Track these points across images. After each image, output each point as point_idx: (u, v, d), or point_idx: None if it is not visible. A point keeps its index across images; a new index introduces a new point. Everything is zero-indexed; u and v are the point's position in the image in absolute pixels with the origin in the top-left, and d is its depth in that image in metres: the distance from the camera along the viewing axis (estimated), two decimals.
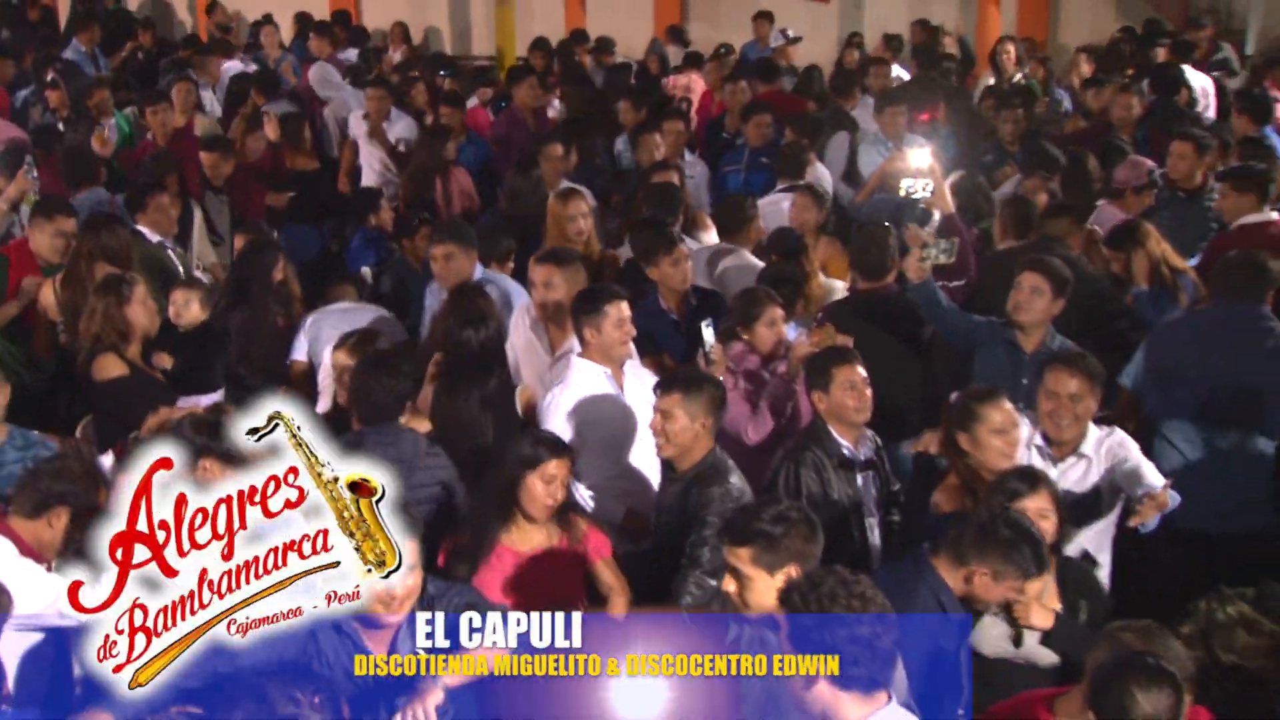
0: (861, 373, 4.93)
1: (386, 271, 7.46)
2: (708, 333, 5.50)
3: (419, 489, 4.69)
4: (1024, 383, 5.35)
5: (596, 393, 5.19)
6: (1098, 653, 3.53)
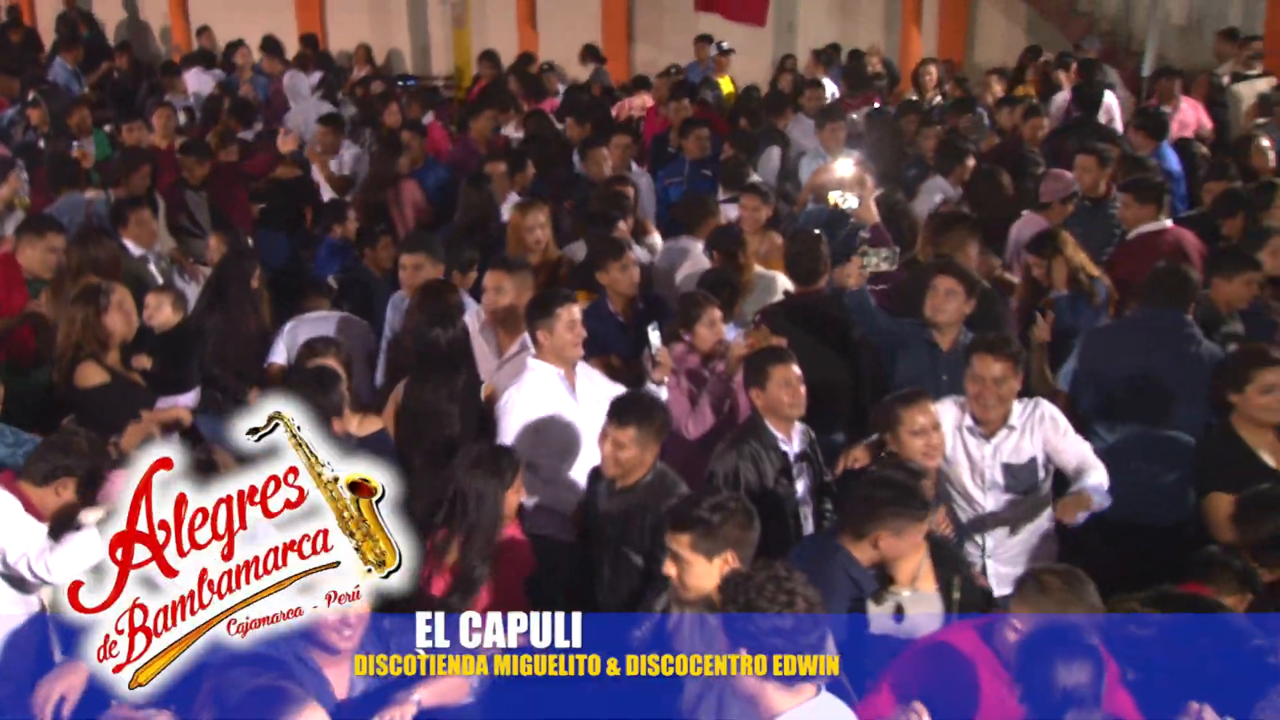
0: (796, 371, 4.96)
1: (350, 279, 7.42)
2: (654, 336, 5.50)
3: None
4: (944, 379, 5.44)
5: (550, 393, 5.21)
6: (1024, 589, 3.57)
